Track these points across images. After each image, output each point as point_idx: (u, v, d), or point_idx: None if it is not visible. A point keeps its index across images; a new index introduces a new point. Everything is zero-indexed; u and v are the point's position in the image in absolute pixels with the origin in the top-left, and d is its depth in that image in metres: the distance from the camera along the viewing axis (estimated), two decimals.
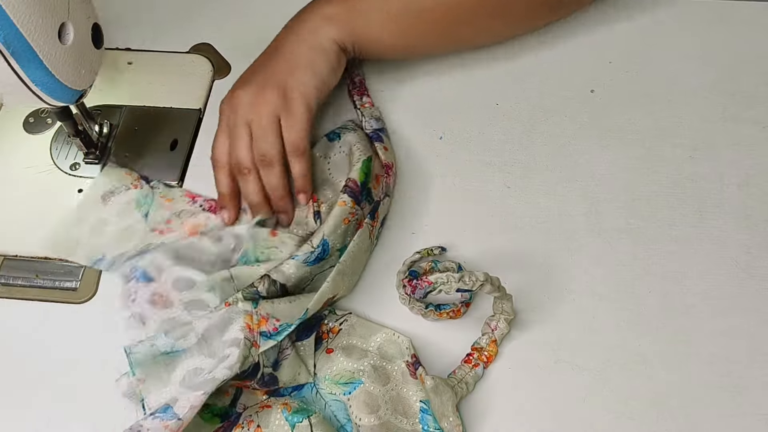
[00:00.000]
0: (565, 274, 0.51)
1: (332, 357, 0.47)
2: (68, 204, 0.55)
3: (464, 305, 0.49)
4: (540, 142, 0.57)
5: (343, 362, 0.46)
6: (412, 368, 0.46)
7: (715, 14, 0.63)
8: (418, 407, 0.44)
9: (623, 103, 0.58)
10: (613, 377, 0.47)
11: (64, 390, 0.48)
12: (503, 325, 0.47)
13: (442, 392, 0.44)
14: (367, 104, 0.58)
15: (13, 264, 0.53)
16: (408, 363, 0.46)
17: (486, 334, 0.47)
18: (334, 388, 0.46)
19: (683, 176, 0.55)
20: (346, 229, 0.49)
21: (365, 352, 0.47)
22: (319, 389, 0.46)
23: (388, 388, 0.45)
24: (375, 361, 0.46)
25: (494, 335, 0.47)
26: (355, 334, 0.48)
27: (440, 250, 0.51)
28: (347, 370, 0.46)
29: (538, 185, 0.55)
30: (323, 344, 0.48)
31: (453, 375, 0.46)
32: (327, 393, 0.46)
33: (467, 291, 0.45)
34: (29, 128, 0.59)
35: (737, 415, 0.45)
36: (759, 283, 0.50)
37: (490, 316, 0.48)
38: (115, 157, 0.57)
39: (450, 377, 0.46)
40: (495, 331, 0.47)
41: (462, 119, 0.58)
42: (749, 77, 0.59)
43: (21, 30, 0.42)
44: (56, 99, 0.47)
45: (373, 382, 0.45)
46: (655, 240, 0.52)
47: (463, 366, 0.47)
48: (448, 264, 0.50)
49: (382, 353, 0.47)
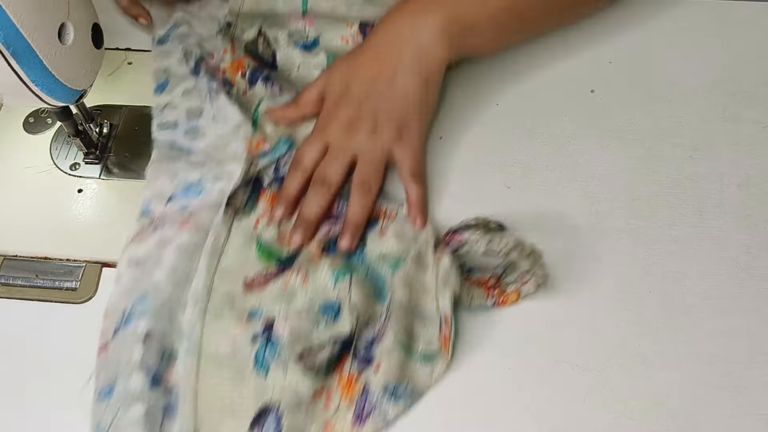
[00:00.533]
0: (565, 274, 0.51)
1: (384, 239, 0.51)
2: (68, 204, 0.55)
3: (509, 288, 0.49)
4: (540, 142, 0.57)
5: (393, 245, 0.50)
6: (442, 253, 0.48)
7: (715, 14, 0.63)
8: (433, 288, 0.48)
9: (623, 103, 0.58)
10: (613, 377, 0.47)
11: (63, 390, 0.48)
12: (532, 285, 0.48)
13: (447, 279, 0.47)
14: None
15: (12, 264, 0.53)
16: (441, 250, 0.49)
17: (515, 283, 0.48)
18: (379, 263, 0.50)
19: (683, 176, 0.55)
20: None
21: (414, 240, 0.50)
22: (366, 260, 0.50)
23: (422, 273, 0.49)
24: (421, 249, 0.50)
25: (521, 288, 0.48)
26: (408, 223, 0.51)
27: (497, 226, 0.51)
28: (395, 251, 0.50)
29: (538, 185, 0.55)
30: (378, 225, 0.52)
31: (468, 282, 0.48)
32: (372, 265, 0.50)
33: (497, 256, 0.48)
34: (29, 128, 0.59)
35: (737, 415, 0.45)
36: (759, 283, 0.50)
37: (526, 270, 0.48)
38: (115, 157, 0.57)
39: (464, 284, 0.48)
40: (524, 285, 0.48)
41: (462, 119, 0.58)
42: (749, 77, 0.59)
43: (21, 30, 0.42)
44: (56, 99, 0.47)
45: (413, 266, 0.49)
46: (655, 240, 0.52)
47: (479, 288, 0.48)
48: (492, 224, 0.50)
49: (428, 243, 0.50)
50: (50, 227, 0.54)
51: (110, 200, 0.55)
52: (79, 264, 0.52)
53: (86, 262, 0.53)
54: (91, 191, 0.56)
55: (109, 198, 0.56)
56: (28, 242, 0.53)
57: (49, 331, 0.50)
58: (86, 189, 0.56)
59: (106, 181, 0.56)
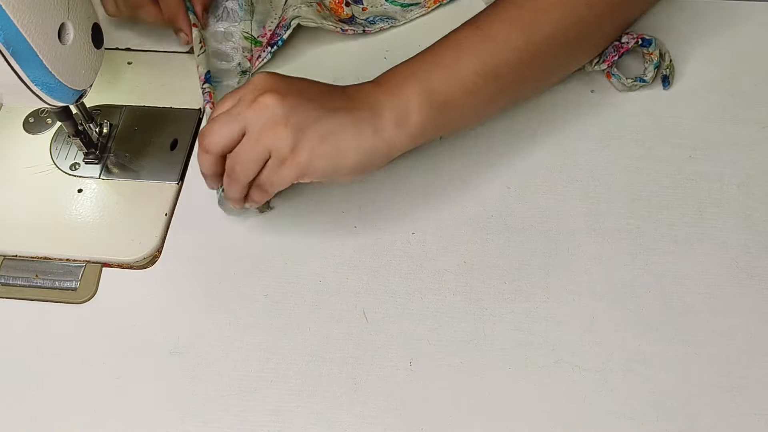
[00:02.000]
0: (565, 274, 0.51)
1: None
2: (68, 204, 0.55)
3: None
4: (540, 142, 0.57)
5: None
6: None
7: (715, 14, 0.63)
8: None
9: (623, 103, 0.58)
10: (613, 377, 0.47)
11: (63, 390, 0.48)
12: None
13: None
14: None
15: (12, 264, 0.53)
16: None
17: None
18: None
19: (683, 176, 0.55)
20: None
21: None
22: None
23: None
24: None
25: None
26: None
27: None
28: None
29: (538, 185, 0.55)
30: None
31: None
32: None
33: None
34: (29, 128, 0.59)
35: (737, 415, 0.45)
36: (759, 283, 0.50)
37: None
38: (115, 157, 0.57)
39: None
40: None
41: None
42: (749, 77, 0.59)
43: (21, 30, 0.42)
44: (56, 99, 0.47)
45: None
46: (655, 240, 0.52)
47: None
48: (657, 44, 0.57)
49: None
50: (50, 227, 0.54)
51: (110, 200, 0.55)
52: (79, 264, 0.53)
53: (86, 262, 0.53)
54: (91, 191, 0.56)
55: (109, 198, 0.56)
56: (28, 242, 0.53)
57: (49, 331, 0.50)
58: (86, 189, 0.56)
59: (106, 181, 0.56)
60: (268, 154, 0.46)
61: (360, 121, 0.47)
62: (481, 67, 0.49)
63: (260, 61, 0.61)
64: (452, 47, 0.50)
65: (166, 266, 0.53)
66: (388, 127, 0.47)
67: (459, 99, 0.49)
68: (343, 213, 0.54)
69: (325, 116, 0.46)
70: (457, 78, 0.49)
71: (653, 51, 0.57)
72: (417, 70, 0.49)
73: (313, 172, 0.46)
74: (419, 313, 0.50)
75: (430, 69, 0.49)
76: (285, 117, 0.45)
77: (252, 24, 0.64)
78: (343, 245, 0.53)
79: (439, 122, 0.49)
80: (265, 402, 0.47)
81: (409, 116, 0.48)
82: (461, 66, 0.49)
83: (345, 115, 0.47)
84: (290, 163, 0.46)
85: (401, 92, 0.48)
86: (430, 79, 0.48)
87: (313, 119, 0.46)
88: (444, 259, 0.52)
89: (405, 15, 0.64)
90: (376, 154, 0.47)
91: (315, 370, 0.48)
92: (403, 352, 0.48)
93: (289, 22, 0.60)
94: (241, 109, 0.46)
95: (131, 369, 0.48)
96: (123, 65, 0.62)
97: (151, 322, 0.50)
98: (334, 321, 0.49)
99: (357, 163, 0.47)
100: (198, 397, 0.47)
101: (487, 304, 0.50)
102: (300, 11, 0.61)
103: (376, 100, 0.48)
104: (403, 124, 0.47)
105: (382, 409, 0.46)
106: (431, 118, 0.48)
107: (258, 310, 0.50)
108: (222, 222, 0.54)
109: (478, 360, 0.48)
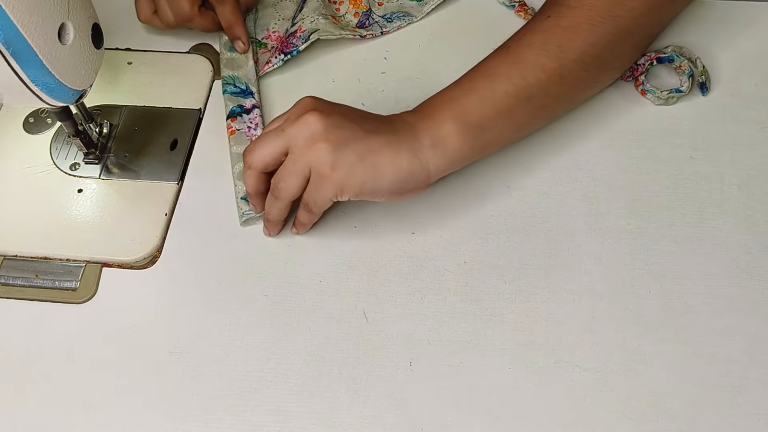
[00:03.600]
0: (566, 274, 0.51)
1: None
2: (68, 204, 0.55)
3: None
4: (540, 142, 0.57)
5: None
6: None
7: (715, 14, 0.63)
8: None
9: (623, 103, 0.58)
10: (613, 377, 0.47)
11: (63, 390, 0.48)
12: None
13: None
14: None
15: (12, 264, 0.53)
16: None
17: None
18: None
19: (683, 176, 0.55)
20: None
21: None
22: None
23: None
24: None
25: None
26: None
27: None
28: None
29: (539, 185, 0.55)
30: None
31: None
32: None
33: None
34: (29, 128, 0.59)
35: (737, 415, 0.45)
36: (759, 283, 0.50)
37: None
38: (115, 157, 0.57)
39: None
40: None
41: None
42: (749, 77, 0.59)
43: (21, 30, 0.42)
44: (56, 99, 0.47)
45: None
46: (655, 240, 0.52)
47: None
48: (684, 53, 0.58)
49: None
50: (50, 227, 0.54)
51: (110, 200, 0.55)
52: (79, 264, 0.53)
53: (86, 262, 0.53)
54: (91, 191, 0.56)
55: (109, 198, 0.56)
56: (28, 242, 0.53)
57: (49, 331, 0.50)
58: (86, 189, 0.56)
59: (106, 181, 0.56)
60: (309, 171, 0.47)
61: (398, 143, 0.48)
62: (514, 89, 0.50)
63: (269, 66, 0.61)
64: (484, 72, 0.51)
65: (166, 266, 0.53)
66: (425, 149, 0.48)
67: (494, 121, 0.50)
68: (343, 213, 0.54)
69: (364, 136, 0.47)
70: (491, 101, 0.50)
71: (681, 63, 0.57)
72: (452, 96, 0.51)
73: (350, 189, 0.47)
74: (419, 313, 0.50)
75: (464, 94, 0.50)
76: (325, 133, 0.47)
77: (255, 29, 0.64)
78: (343, 245, 0.53)
79: (475, 145, 0.50)
80: (265, 402, 0.47)
81: (445, 140, 0.49)
82: (494, 89, 0.50)
83: (384, 136, 0.48)
84: (329, 179, 0.47)
85: (437, 117, 0.49)
86: (465, 104, 0.50)
87: (352, 138, 0.47)
88: (444, 259, 0.52)
89: (421, 9, 0.65)
90: (413, 176, 0.48)
91: (315, 370, 0.48)
92: (403, 352, 0.48)
93: (308, 35, 0.60)
94: (285, 126, 0.48)
95: (131, 369, 0.48)
96: (123, 65, 0.62)
97: (151, 322, 0.50)
98: (334, 321, 0.50)
99: (394, 183, 0.48)
100: (198, 397, 0.47)
101: (488, 304, 0.50)
102: (318, 23, 0.61)
103: (413, 124, 0.49)
104: (439, 147, 0.49)
105: (382, 409, 0.46)
106: (468, 142, 0.49)
107: (258, 310, 0.50)
108: (222, 222, 0.54)
109: (478, 360, 0.48)
